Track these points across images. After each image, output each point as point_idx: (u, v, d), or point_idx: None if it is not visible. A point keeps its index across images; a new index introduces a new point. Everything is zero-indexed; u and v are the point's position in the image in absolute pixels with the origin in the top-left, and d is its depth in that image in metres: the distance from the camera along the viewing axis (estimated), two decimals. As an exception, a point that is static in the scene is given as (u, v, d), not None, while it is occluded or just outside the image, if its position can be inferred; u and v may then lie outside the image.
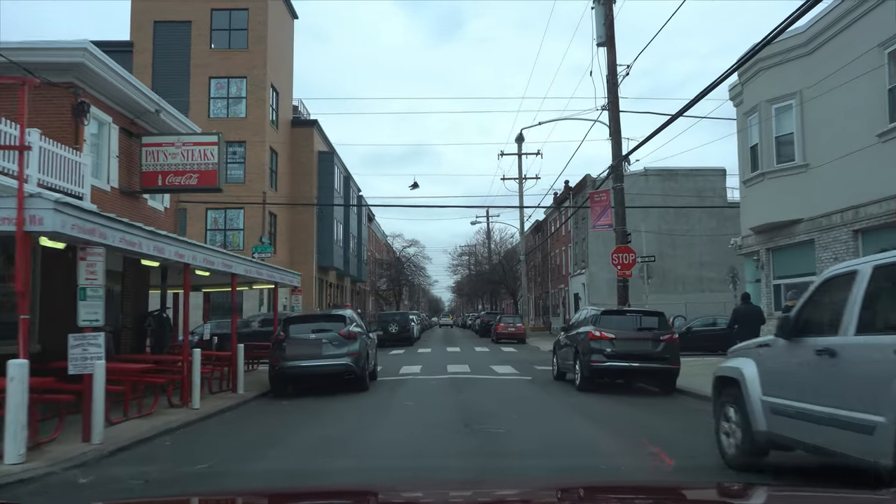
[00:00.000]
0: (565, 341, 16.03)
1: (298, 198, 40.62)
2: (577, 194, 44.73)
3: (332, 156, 43.04)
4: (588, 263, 40.98)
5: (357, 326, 15.12)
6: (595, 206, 21.55)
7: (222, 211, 34.85)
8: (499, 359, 25.11)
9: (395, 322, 36.43)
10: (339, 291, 51.07)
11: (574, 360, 14.86)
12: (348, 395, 14.06)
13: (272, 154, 36.86)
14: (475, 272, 67.06)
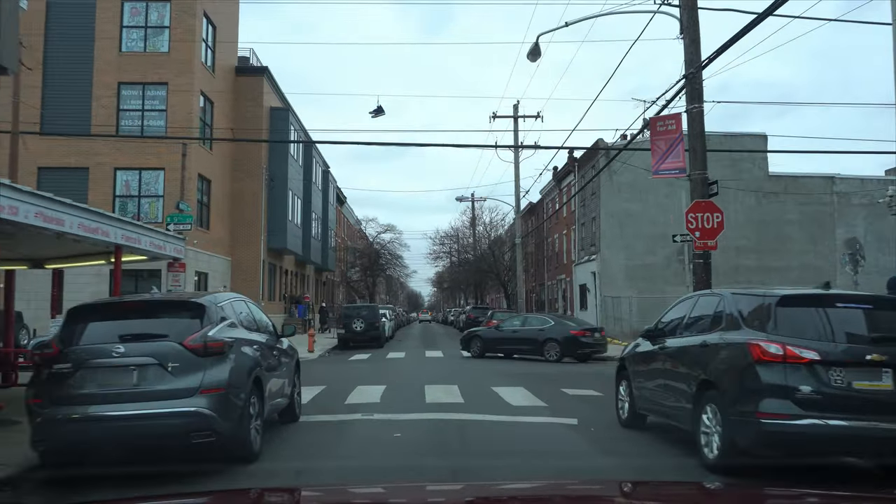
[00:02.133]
0: (660, 359, 8.26)
1: (243, 163, 32.74)
2: (584, 166, 37.23)
3: (286, 113, 35.15)
4: (599, 247, 33.53)
5: (234, 326, 7.28)
6: (658, 138, 13.97)
7: (135, 172, 26.90)
8: (499, 371, 17.55)
9: (360, 318, 28.70)
10: (300, 280, 43.21)
11: (699, 405, 6.98)
12: (208, 477, 6.44)
13: (206, 103, 28.94)
14: (459, 261, 59.21)
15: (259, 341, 7.90)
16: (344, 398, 12.33)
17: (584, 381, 15.45)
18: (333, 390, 13.59)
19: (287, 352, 9.48)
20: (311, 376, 17.00)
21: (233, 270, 32.16)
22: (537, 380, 15.39)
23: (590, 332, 22.77)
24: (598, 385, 14.30)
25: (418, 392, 12.90)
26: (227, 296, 8.07)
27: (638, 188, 33.52)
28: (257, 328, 8.32)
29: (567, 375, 16.66)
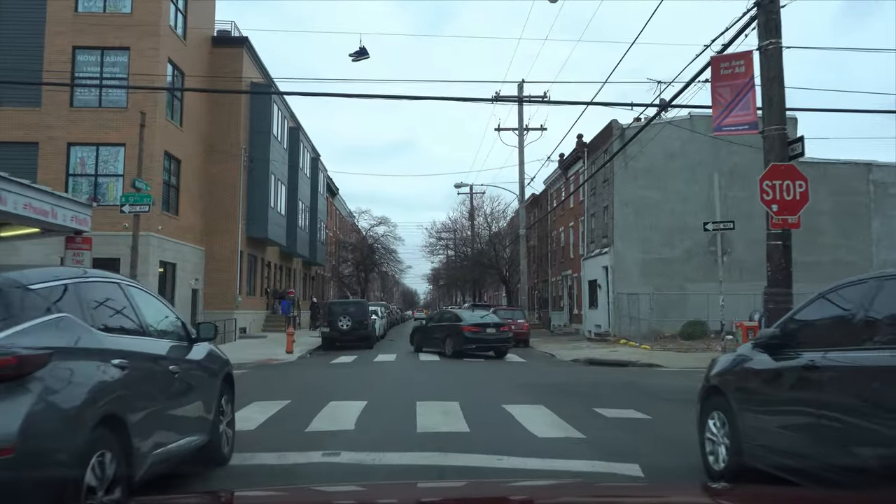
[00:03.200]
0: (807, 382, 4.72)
1: (220, 143, 29.57)
2: (595, 152, 34.11)
3: (269, 89, 31.95)
4: (612, 239, 30.43)
5: (70, 327, 3.98)
6: (721, 85, 10.76)
7: (92, 148, 23.71)
8: (510, 382, 14.42)
9: (346, 315, 25.53)
10: (285, 274, 40.03)
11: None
12: None
13: (175, 73, 25.74)
14: (456, 255, 55.87)
15: (136, 352, 4.75)
16: (307, 421, 9.19)
17: (615, 394, 12.35)
18: (298, 408, 10.47)
19: (204, 364, 6.34)
20: (277, 386, 13.87)
21: (206, 261, 28.98)
22: (557, 393, 12.27)
23: (481, 327, 22.49)
24: (636, 402, 11.22)
25: (407, 413, 9.77)
26: (66, 272, 4.82)
27: (655, 174, 30.45)
28: (141, 330, 5.18)
29: (593, 387, 13.55)
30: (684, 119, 30.40)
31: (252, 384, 14.17)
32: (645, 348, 24.23)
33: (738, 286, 28.07)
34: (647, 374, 16.58)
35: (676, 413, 10.41)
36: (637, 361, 20.15)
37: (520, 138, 33.39)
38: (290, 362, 20.67)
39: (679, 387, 13.58)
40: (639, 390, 13.22)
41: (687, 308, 29.00)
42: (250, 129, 30.94)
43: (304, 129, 40.37)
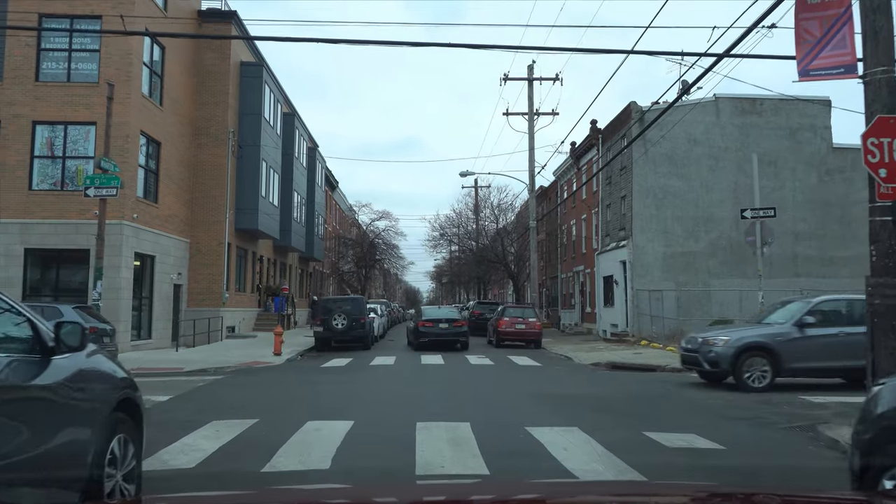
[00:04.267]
0: None
1: (206, 126, 27.28)
2: (611, 138, 31.76)
3: (259, 69, 29.63)
4: (631, 231, 28.08)
5: None
6: (807, 18, 8.37)
7: (60, 127, 21.42)
8: (529, 393, 12.08)
9: (341, 313, 23.23)
10: (279, 270, 37.74)
11: None
12: None
13: (152, 45, 23.45)
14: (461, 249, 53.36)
15: None
16: (270, 453, 6.88)
17: (661, 410, 10.06)
18: (264, 431, 8.17)
19: (69, 388, 4.02)
20: (250, 397, 11.57)
21: (191, 255, 26.69)
22: (589, 409, 9.97)
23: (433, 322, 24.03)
24: (691, 421, 8.96)
25: (404, 441, 7.46)
26: None
27: (677, 161, 28.10)
28: None
29: (630, 400, 11.25)
30: (709, 102, 28.06)
31: (219, 396, 11.89)
32: (671, 350, 21.88)
33: (768, 282, 25.72)
34: (685, 382, 14.26)
35: (753, 439, 8.11)
36: (666, 366, 17.83)
37: (530, 123, 31.10)
38: (276, 366, 18.39)
39: (734, 401, 11.25)
40: (687, 404, 10.91)
41: (712, 305, 26.68)
42: (240, 112, 28.63)
43: (299, 116, 38.05)
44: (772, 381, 12.49)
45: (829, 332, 12.74)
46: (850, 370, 12.62)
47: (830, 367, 12.71)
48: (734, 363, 12.63)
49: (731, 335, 13.25)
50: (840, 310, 13.36)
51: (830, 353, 12.51)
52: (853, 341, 12.36)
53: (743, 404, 10.93)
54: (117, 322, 20.08)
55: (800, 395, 12.04)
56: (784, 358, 12.52)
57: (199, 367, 17.29)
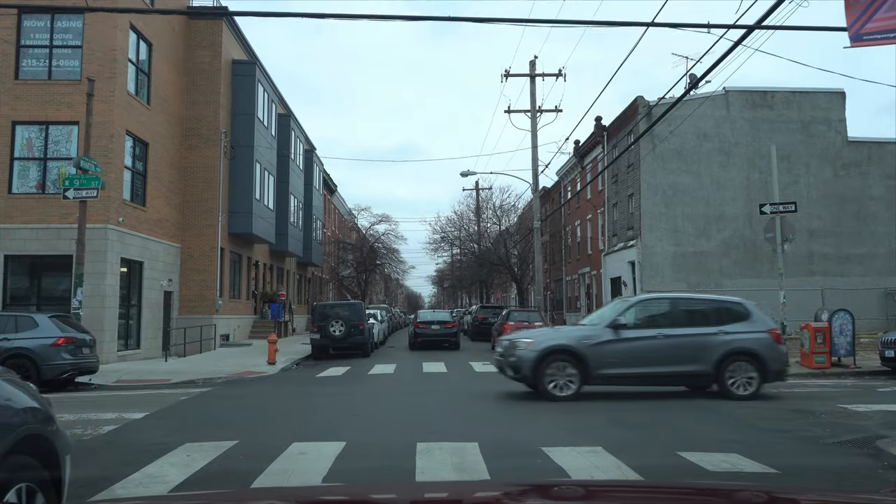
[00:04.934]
0: None
1: (197, 127, 26.28)
2: (616, 135, 30.73)
3: (252, 67, 28.64)
4: (640, 230, 27.02)
5: None
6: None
7: (40, 127, 20.41)
8: (538, 401, 11.01)
9: (339, 319, 22.19)
10: (276, 275, 36.69)
11: None
12: None
13: (139, 42, 22.45)
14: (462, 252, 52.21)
15: None
16: (244, 485, 5.83)
17: (691, 424, 8.99)
18: (241, 457, 7.12)
19: None
20: (234, 413, 10.51)
21: (182, 260, 25.65)
22: (611, 423, 8.92)
23: (426, 324, 26.39)
24: (727, 436, 7.92)
25: (402, 468, 6.39)
26: None
27: (687, 157, 27.06)
28: None
29: (654, 411, 10.18)
30: (719, 95, 27.05)
31: (201, 412, 10.83)
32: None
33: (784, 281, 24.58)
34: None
35: (805, 459, 7.04)
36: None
37: (532, 120, 30.04)
38: (269, 376, 17.34)
39: (768, 411, 10.18)
40: (715, 415, 9.84)
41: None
42: (232, 111, 27.63)
43: (295, 117, 37.05)
44: (578, 390, 11.14)
45: (647, 335, 11.48)
46: (668, 376, 11.50)
47: (646, 373, 11.34)
48: (535, 369, 11.17)
49: (537, 337, 11.88)
50: (661, 310, 12.14)
51: (647, 357, 11.27)
52: (674, 344, 11.39)
53: (776, 414, 9.88)
54: (101, 331, 19.05)
55: (838, 403, 10.98)
56: (593, 363, 11.16)
57: (187, 379, 16.25)
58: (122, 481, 6.13)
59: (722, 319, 11.80)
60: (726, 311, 12.01)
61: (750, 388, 11.44)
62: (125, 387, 15.24)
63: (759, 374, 11.50)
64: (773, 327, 12.13)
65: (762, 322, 11.96)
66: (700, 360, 11.39)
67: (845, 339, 16.99)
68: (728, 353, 11.44)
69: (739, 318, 11.85)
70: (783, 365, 11.90)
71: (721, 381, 11.47)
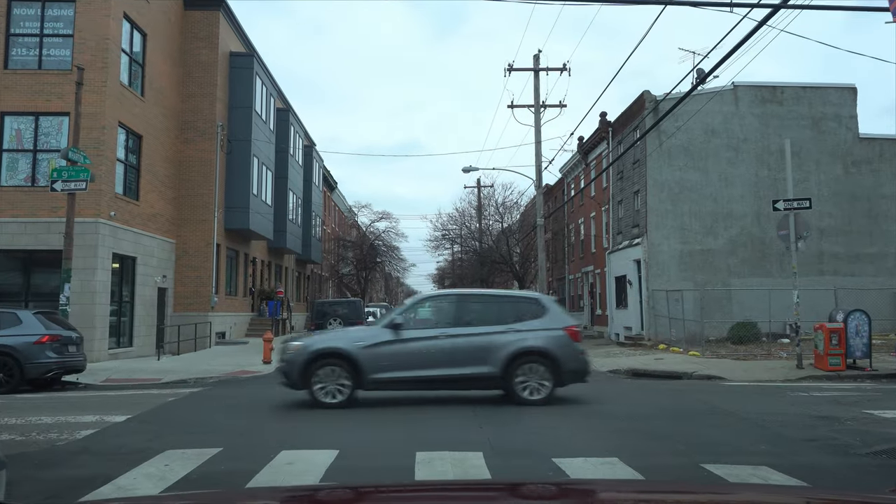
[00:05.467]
0: None
1: (192, 120, 25.68)
2: (621, 131, 30.12)
3: (250, 60, 28.02)
4: (646, 227, 26.41)
5: None
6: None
7: (30, 118, 19.82)
8: (559, 410, 10.40)
9: (337, 317, 21.68)
10: (274, 272, 36.08)
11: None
12: None
13: (134, 33, 21.84)
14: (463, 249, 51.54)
15: None
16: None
17: (712, 431, 8.39)
18: (224, 467, 6.52)
19: None
20: (221, 415, 9.90)
21: (177, 256, 25.05)
22: (625, 430, 8.33)
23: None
24: (752, 445, 7.39)
25: (399, 482, 5.78)
26: None
27: (694, 153, 26.44)
28: None
29: (670, 417, 9.57)
30: (727, 90, 26.42)
31: (187, 414, 10.23)
32: (694, 355, 20.23)
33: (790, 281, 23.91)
34: (721, 391, 12.60)
35: (840, 472, 6.43)
36: (693, 373, 16.18)
37: (536, 115, 29.40)
38: (264, 375, 16.73)
39: (792, 417, 9.57)
40: (737, 421, 9.23)
41: (733, 306, 24.97)
42: (229, 105, 27.02)
43: (295, 112, 36.43)
44: (350, 396, 10.34)
45: (428, 335, 10.59)
46: (451, 380, 10.50)
47: (426, 376, 10.43)
48: (304, 374, 10.33)
49: (311, 340, 11.06)
50: (447, 307, 11.17)
51: (428, 359, 10.38)
52: (457, 344, 10.43)
53: (800, 420, 9.27)
54: (92, 329, 18.48)
55: (863, 409, 10.37)
56: (367, 367, 10.30)
57: (179, 378, 15.67)
58: (88, 495, 5.54)
59: (515, 317, 10.83)
60: (520, 307, 11.08)
61: (542, 392, 10.40)
62: (113, 386, 14.65)
63: (553, 376, 10.48)
64: (572, 324, 11.05)
65: (559, 319, 10.94)
66: (487, 362, 10.40)
67: (861, 341, 16.39)
68: (517, 352, 10.40)
69: (534, 315, 10.85)
70: (580, 365, 10.77)
71: (510, 384, 10.44)
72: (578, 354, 10.82)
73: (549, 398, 10.45)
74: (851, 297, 21.64)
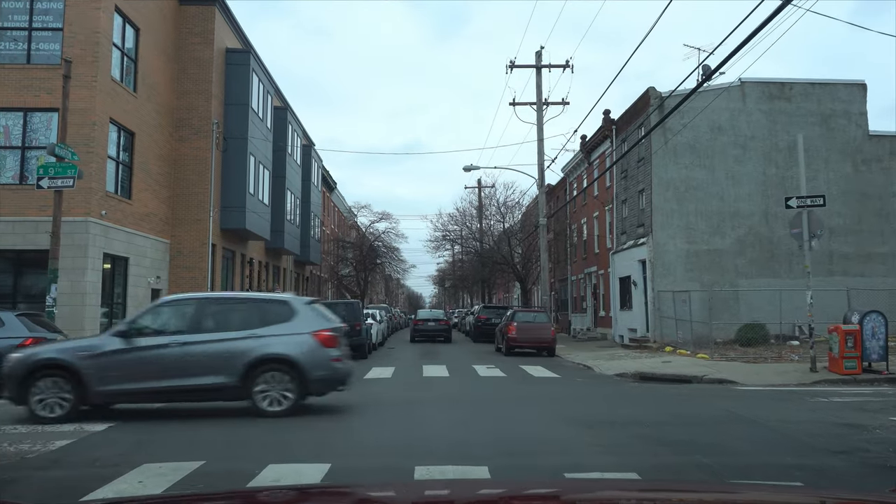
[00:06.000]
0: None
1: (187, 117, 25.10)
2: (625, 129, 29.55)
3: (246, 56, 27.42)
4: (651, 227, 25.81)
5: None
6: None
7: (18, 114, 19.23)
8: (556, 415, 9.81)
9: (335, 319, 20.89)
10: (272, 273, 35.49)
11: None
12: None
13: (125, 26, 21.27)
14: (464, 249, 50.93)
15: None
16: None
17: (731, 441, 7.81)
18: (204, 484, 5.91)
19: None
20: (209, 424, 9.31)
21: (171, 256, 24.46)
22: (637, 439, 7.75)
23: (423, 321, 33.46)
24: (777, 459, 6.83)
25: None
26: None
27: (700, 151, 25.86)
28: None
29: (685, 424, 8.98)
30: (734, 87, 25.84)
31: (173, 423, 9.63)
32: (702, 357, 19.63)
33: (800, 282, 23.33)
34: (737, 398, 12.01)
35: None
36: (703, 376, 15.59)
37: (538, 113, 28.90)
38: (258, 380, 16.10)
39: (817, 426, 8.97)
40: (761, 431, 8.63)
41: (740, 308, 24.36)
42: (225, 102, 26.42)
43: (293, 111, 35.85)
44: (72, 411, 9.41)
45: (160, 343, 9.70)
46: (186, 391, 9.67)
47: (159, 388, 9.61)
48: (21, 386, 9.42)
49: (34, 349, 10.15)
50: (184, 313, 10.24)
51: (160, 370, 9.53)
52: (190, 353, 9.57)
53: (826, 429, 8.67)
54: (81, 331, 17.84)
55: (889, 416, 9.79)
56: (92, 379, 9.39)
57: (170, 383, 15.05)
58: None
59: (259, 321, 9.96)
60: (267, 311, 10.17)
61: (285, 403, 9.55)
62: (100, 391, 14.04)
63: (297, 385, 9.62)
64: (323, 328, 10.00)
65: (308, 323, 9.96)
66: (224, 371, 9.56)
67: (878, 343, 15.80)
68: (257, 360, 9.59)
69: (282, 318, 9.98)
70: (331, 372, 9.87)
71: (250, 394, 9.57)
72: (330, 361, 9.83)
73: (293, 408, 9.54)
74: (863, 298, 21.04)
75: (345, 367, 10.22)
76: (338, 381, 10.12)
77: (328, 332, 9.99)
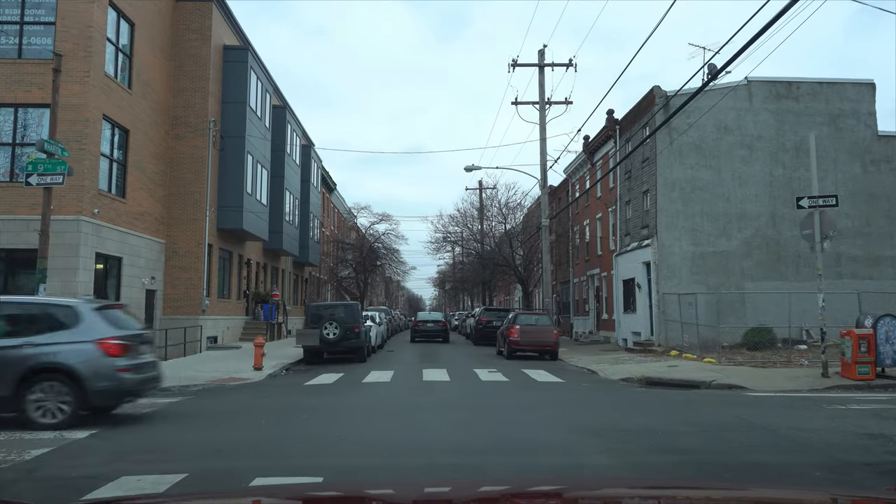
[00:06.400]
0: None
1: (184, 115, 24.64)
2: (629, 128, 29.08)
3: (244, 53, 26.95)
4: (656, 228, 25.32)
5: None
6: None
7: (9, 109, 18.77)
8: (561, 423, 9.31)
9: (333, 320, 20.52)
10: (270, 275, 34.99)
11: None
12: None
13: (119, 20, 20.81)
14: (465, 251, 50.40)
15: None
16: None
17: (751, 453, 7.32)
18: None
19: None
20: (196, 431, 8.83)
21: (166, 256, 23.98)
22: (648, 451, 7.28)
23: (423, 322, 36.00)
24: (808, 476, 6.22)
25: None
26: None
27: (706, 151, 25.38)
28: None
29: (698, 433, 8.49)
30: (741, 86, 25.37)
31: (158, 430, 9.15)
32: (709, 362, 19.14)
33: (806, 284, 22.85)
34: (749, 404, 11.52)
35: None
36: (712, 381, 15.09)
37: (541, 112, 28.43)
38: (253, 383, 15.68)
39: (837, 435, 8.48)
40: (780, 441, 8.13)
41: (747, 311, 23.87)
42: (222, 100, 25.94)
43: (292, 110, 35.39)
44: None
45: None
46: None
47: None
48: None
49: None
50: None
51: None
52: None
53: (847, 439, 8.20)
54: (72, 333, 17.37)
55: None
56: None
57: (162, 386, 14.58)
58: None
59: (39, 328, 9.39)
60: (48, 317, 9.57)
61: (60, 416, 8.97)
62: (88, 395, 13.56)
63: (75, 397, 9.03)
64: (109, 336, 9.37)
65: (93, 330, 9.33)
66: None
67: (892, 348, 15.33)
68: (31, 369, 9.01)
69: (64, 325, 9.39)
70: (115, 384, 9.24)
71: (23, 406, 8.95)
72: (115, 371, 9.21)
73: (70, 421, 8.97)
74: (871, 301, 20.58)
75: (135, 377, 9.53)
76: (125, 392, 9.54)
77: (115, 341, 9.38)
